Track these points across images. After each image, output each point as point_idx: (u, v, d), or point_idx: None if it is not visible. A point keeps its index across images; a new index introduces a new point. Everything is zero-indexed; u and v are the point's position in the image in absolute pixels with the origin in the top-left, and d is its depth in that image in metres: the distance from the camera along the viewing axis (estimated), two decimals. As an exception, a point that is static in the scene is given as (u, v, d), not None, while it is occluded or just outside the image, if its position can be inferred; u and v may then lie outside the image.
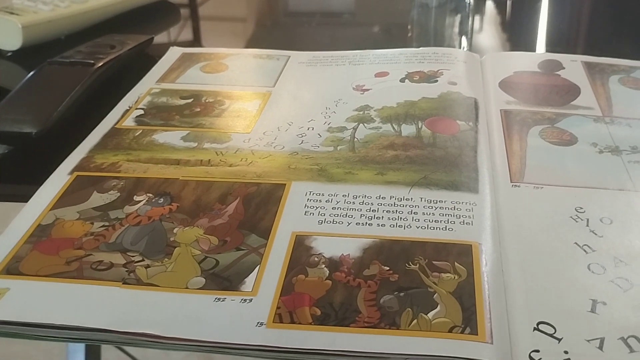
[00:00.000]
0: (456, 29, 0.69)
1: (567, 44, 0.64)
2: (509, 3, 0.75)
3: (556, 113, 0.44)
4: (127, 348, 1.06)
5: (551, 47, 0.59)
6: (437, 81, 0.49)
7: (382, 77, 0.50)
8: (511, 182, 0.37)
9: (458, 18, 0.72)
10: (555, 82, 0.48)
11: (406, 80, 0.49)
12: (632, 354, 0.26)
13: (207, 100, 0.48)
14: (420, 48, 0.55)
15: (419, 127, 0.43)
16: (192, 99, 0.48)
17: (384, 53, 0.54)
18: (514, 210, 0.35)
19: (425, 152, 0.40)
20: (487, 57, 0.53)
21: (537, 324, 0.28)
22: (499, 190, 0.36)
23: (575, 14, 0.73)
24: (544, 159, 0.39)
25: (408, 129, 0.42)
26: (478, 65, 0.52)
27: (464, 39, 0.64)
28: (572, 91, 0.47)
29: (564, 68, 0.51)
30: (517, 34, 0.66)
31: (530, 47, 0.62)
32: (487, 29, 0.69)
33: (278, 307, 0.29)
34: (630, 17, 0.69)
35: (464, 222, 0.34)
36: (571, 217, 0.34)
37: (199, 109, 0.47)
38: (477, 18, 0.72)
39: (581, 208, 0.34)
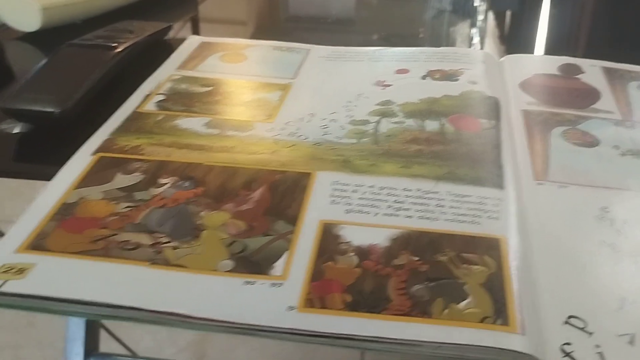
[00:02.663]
0: (471, 32, 0.69)
1: (583, 49, 0.65)
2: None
3: (577, 115, 0.44)
4: (124, 340, 1.06)
5: (568, 51, 0.60)
6: (457, 80, 0.49)
7: (403, 73, 0.50)
8: (535, 180, 0.37)
9: (472, 21, 0.72)
10: (575, 86, 0.49)
11: (427, 77, 0.49)
12: None
13: (227, 89, 0.48)
14: (440, 47, 0.55)
15: (442, 123, 0.43)
16: (212, 87, 0.48)
17: (403, 51, 0.54)
18: (539, 207, 0.35)
19: (449, 147, 0.40)
20: (506, 59, 0.53)
21: (568, 318, 0.28)
22: (523, 187, 0.37)
23: (589, 18, 0.74)
24: (568, 159, 0.39)
25: (431, 125, 0.42)
26: (497, 66, 0.52)
27: (479, 41, 0.64)
28: (592, 95, 0.47)
29: (583, 72, 0.51)
30: (531, 38, 0.67)
31: (546, 51, 0.62)
32: (501, 33, 0.69)
33: (309, 292, 0.29)
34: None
35: (490, 216, 0.34)
36: (596, 216, 0.34)
37: (219, 97, 0.47)
38: (490, 21, 0.73)
39: (606, 208, 0.35)
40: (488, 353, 0.26)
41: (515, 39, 0.76)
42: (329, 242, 0.32)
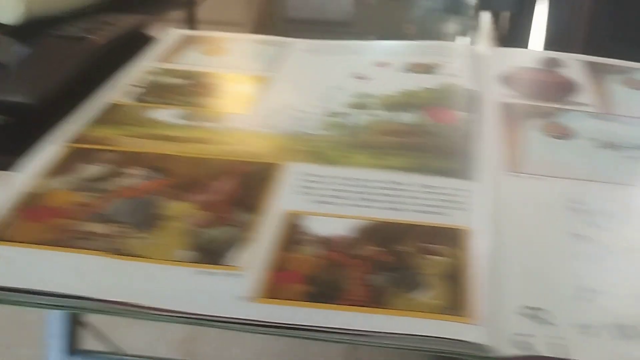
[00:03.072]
0: (458, 27, 0.69)
1: (567, 44, 0.64)
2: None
3: (555, 108, 0.44)
4: (114, 338, 1.05)
5: (551, 46, 0.59)
6: (438, 73, 0.48)
7: (384, 67, 0.50)
8: (509, 171, 0.37)
9: (460, 17, 0.72)
10: (555, 79, 0.48)
11: (408, 70, 0.49)
12: (618, 341, 0.26)
13: (206, 81, 0.48)
14: (423, 41, 0.55)
15: (419, 115, 0.42)
16: (191, 79, 0.48)
17: (385, 44, 0.54)
18: (512, 198, 0.34)
19: (424, 139, 0.40)
20: (490, 53, 0.53)
21: (528, 308, 0.27)
22: (496, 179, 0.36)
23: (576, 15, 0.73)
24: (544, 151, 0.39)
25: (408, 117, 0.42)
26: (479, 59, 0.52)
27: (466, 35, 0.64)
28: (572, 88, 0.47)
29: (565, 66, 0.50)
30: (517, 33, 0.66)
31: (530, 45, 0.62)
32: (498, 33, 0.69)
33: (267, 283, 0.28)
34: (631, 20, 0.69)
35: (458, 207, 0.33)
36: (569, 207, 0.34)
37: (197, 89, 0.46)
38: (488, 21, 0.73)
39: (579, 199, 0.34)
40: (444, 344, 0.26)
41: (512, 39, 0.76)
42: (293, 232, 0.31)
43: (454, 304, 0.27)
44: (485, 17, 0.78)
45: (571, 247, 0.31)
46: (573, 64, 0.51)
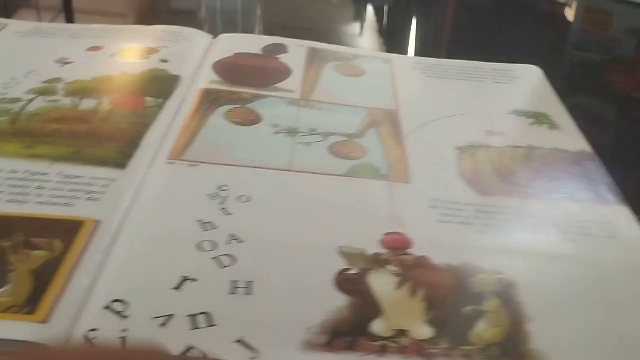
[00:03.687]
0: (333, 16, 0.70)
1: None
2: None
3: (253, 94, 0.43)
4: None
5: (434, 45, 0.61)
6: (149, 58, 0.47)
7: (94, 51, 0.47)
8: (168, 159, 0.36)
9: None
10: (269, 65, 0.48)
11: (116, 55, 0.47)
12: (193, 331, 0.25)
13: None
14: (154, 26, 0.53)
15: (100, 101, 0.40)
16: None
17: (106, 28, 0.51)
18: (158, 187, 0.33)
19: (92, 126, 0.38)
20: (218, 38, 0.52)
21: (111, 302, 0.26)
22: (151, 167, 0.35)
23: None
24: (216, 137, 0.38)
25: (87, 103, 0.40)
26: (206, 45, 0.50)
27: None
28: (282, 74, 0.47)
29: (287, 52, 0.50)
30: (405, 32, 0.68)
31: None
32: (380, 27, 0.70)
33: None
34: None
35: (91, 198, 0.31)
36: (210, 195, 0.33)
37: None
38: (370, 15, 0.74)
39: (225, 186, 0.34)
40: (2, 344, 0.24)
41: (391, 33, 0.77)
42: None
43: (27, 301, 0.25)
44: (363, 9, 0.80)
45: (192, 235, 0.30)
46: (297, 50, 0.51)
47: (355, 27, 0.79)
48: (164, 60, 0.46)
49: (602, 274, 0.30)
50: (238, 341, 0.25)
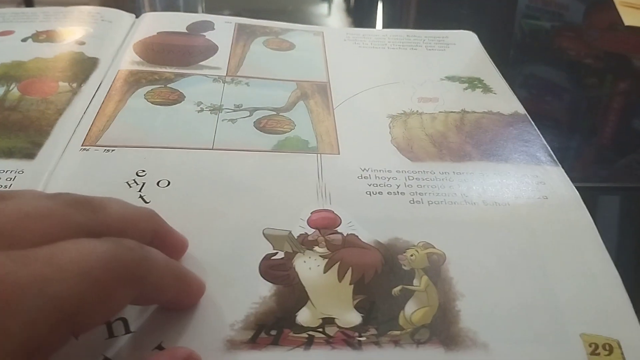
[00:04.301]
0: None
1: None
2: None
3: (176, 73, 0.41)
4: None
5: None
6: (64, 41, 0.44)
7: (4, 35, 0.44)
8: (82, 146, 0.33)
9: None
10: (194, 43, 0.46)
11: (29, 39, 0.44)
12: (108, 340, 0.23)
13: None
14: (71, 7, 0.50)
15: (9, 89, 0.38)
16: None
17: (19, 11, 0.48)
18: (69, 176, 0.31)
19: (0, 116, 0.35)
20: (142, 17, 0.49)
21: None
22: (62, 156, 0.33)
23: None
24: (135, 120, 0.36)
25: (-5, 92, 0.37)
26: (128, 25, 0.48)
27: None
28: (208, 52, 0.45)
29: (213, 29, 0.48)
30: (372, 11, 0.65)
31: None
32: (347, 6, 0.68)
33: None
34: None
35: (-6, 192, 0.29)
36: (127, 181, 0.31)
37: None
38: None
39: (143, 171, 0.32)
40: None
41: (359, 11, 0.75)
42: None
43: None
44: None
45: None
46: (224, 27, 0.49)
47: (323, 7, 0.77)
48: (81, 43, 0.44)
49: (533, 241, 0.29)
50: (157, 348, 0.23)
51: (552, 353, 0.24)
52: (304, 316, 0.25)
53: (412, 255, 0.28)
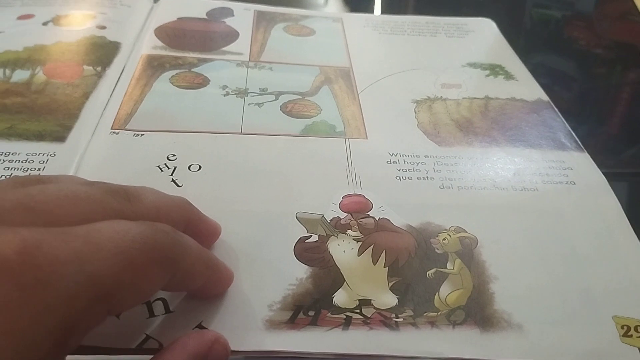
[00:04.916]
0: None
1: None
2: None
3: (199, 58, 0.41)
4: None
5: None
6: (85, 25, 0.44)
7: (25, 19, 0.44)
8: (111, 129, 0.33)
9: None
10: (215, 29, 0.46)
11: (50, 23, 0.44)
12: (149, 320, 0.24)
13: None
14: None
15: (35, 73, 0.38)
16: None
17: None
18: (102, 160, 0.31)
19: (27, 99, 0.35)
20: (160, 3, 0.49)
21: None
22: (93, 139, 0.33)
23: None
24: (162, 104, 0.36)
25: (21, 75, 0.37)
26: (147, 10, 0.48)
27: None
28: (230, 37, 0.45)
29: (233, 16, 0.48)
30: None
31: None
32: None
33: None
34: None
35: (28, 174, 0.29)
36: (159, 165, 0.31)
37: None
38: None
39: (174, 155, 0.32)
40: None
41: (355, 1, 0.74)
42: None
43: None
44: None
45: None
46: (243, 14, 0.49)
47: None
48: (102, 27, 0.44)
49: (563, 225, 0.30)
50: (198, 327, 0.23)
51: (586, 334, 0.25)
52: (340, 297, 0.25)
53: (444, 239, 0.28)
